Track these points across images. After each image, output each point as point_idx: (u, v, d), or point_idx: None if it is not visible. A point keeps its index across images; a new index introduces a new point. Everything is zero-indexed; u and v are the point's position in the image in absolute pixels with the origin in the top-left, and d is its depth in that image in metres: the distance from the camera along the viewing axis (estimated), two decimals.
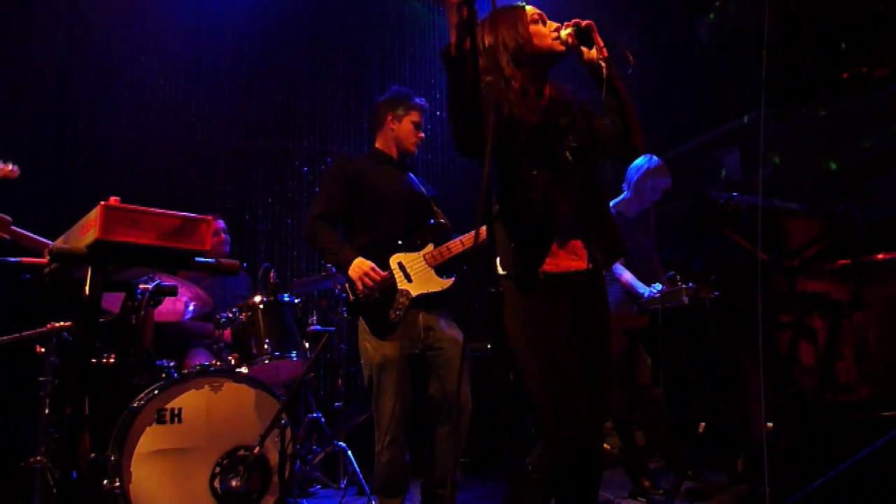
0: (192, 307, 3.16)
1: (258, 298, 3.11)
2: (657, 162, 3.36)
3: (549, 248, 1.76)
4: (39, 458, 2.58)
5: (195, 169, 4.53)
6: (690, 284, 2.89)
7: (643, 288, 3.14)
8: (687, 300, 2.85)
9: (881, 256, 3.09)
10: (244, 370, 2.90)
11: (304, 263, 4.69)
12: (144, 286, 2.37)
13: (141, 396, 2.53)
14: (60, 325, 2.68)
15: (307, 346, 3.24)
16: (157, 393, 2.49)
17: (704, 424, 2.83)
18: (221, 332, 3.09)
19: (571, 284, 1.80)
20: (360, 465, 3.24)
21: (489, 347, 4.26)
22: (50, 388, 2.68)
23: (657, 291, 3.07)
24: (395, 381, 2.48)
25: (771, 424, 2.67)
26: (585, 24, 1.78)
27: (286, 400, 2.61)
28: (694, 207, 3.18)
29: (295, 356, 3.09)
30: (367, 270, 2.46)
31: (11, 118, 4.03)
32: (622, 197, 3.42)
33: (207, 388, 2.58)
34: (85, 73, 4.26)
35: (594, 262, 1.84)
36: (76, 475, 1.28)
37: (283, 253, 4.67)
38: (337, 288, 3.66)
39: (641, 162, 3.34)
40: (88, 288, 1.35)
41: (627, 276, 3.20)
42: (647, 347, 3.28)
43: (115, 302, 2.70)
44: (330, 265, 3.28)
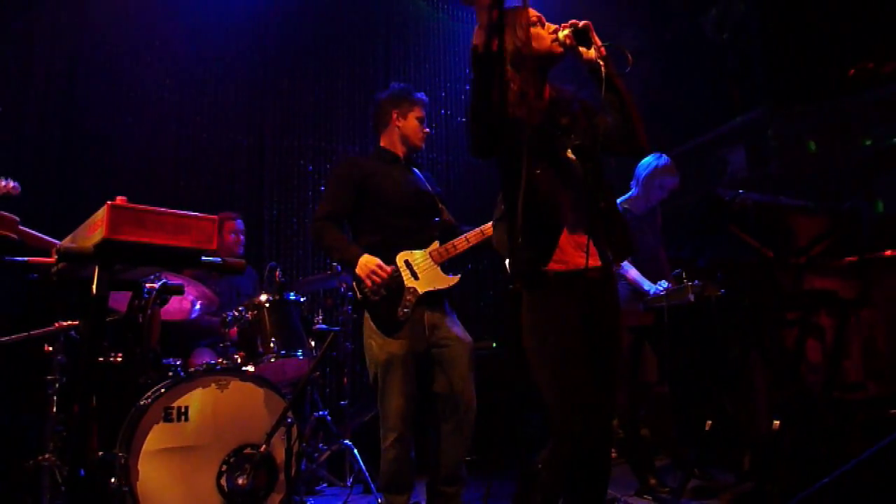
0: (198, 306, 3.18)
1: (264, 297, 3.12)
2: (666, 160, 3.35)
3: (555, 245, 1.77)
4: (48, 455, 2.60)
5: (201, 168, 4.54)
6: (696, 282, 2.88)
7: (649, 285, 3.14)
8: (693, 298, 2.84)
9: (888, 253, 3.08)
10: (250, 369, 2.91)
11: (309, 262, 4.70)
12: (151, 285, 2.38)
13: (148, 395, 2.54)
14: (68, 323, 2.70)
15: (313, 344, 3.25)
16: (163, 391, 2.50)
17: (711, 422, 2.82)
18: (228, 330, 3.10)
19: (581, 282, 1.80)
20: (366, 463, 3.25)
21: (494, 346, 4.26)
22: (58, 386, 2.70)
23: (663, 289, 3.06)
24: (400, 378, 2.49)
25: (777, 422, 2.66)
26: (583, 24, 1.80)
27: (292, 398, 2.62)
28: (700, 205, 3.17)
29: (301, 355, 3.10)
30: (373, 268, 2.46)
31: (18, 118, 4.05)
32: (630, 194, 3.42)
33: (214, 386, 2.59)
34: (91, 72, 4.28)
35: (604, 259, 1.84)
36: (84, 473, 1.29)
37: (288, 252, 4.68)
38: (343, 287, 3.67)
39: (651, 160, 3.33)
40: (95, 287, 1.36)
41: (633, 273, 3.19)
42: (653, 345, 3.27)
43: (122, 301, 2.71)
44: (336, 263, 3.29)
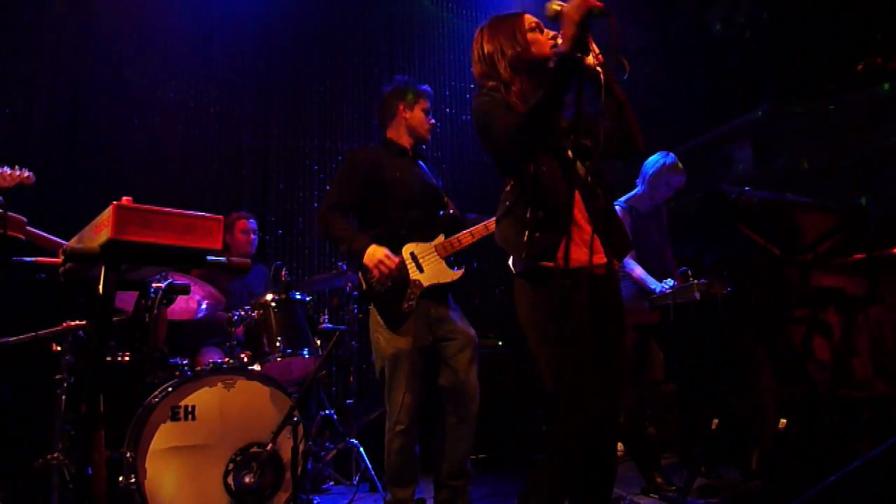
0: (204, 305, 3.19)
1: (270, 296, 3.13)
2: (673, 159, 3.33)
3: (561, 240, 1.77)
4: (57, 454, 2.62)
5: (206, 168, 4.56)
6: (702, 280, 2.87)
7: (655, 283, 3.12)
8: (699, 296, 2.83)
9: None
10: (257, 368, 2.92)
11: (315, 261, 4.71)
12: (157, 285, 2.39)
13: (155, 394, 2.56)
14: (76, 323, 2.71)
15: (319, 343, 3.26)
16: (171, 390, 2.52)
17: (717, 421, 2.81)
18: (234, 329, 3.12)
19: (585, 278, 1.80)
20: (372, 461, 3.26)
21: (500, 344, 4.26)
22: (66, 386, 2.71)
23: (669, 287, 3.05)
24: (407, 372, 2.49)
25: (785, 420, 2.65)
26: (549, 14, 1.84)
27: (298, 397, 2.63)
28: (705, 202, 3.16)
29: (307, 354, 3.11)
30: (381, 257, 2.46)
31: (25, 120, 4.07)
32: (635, 192, 3.40)
33: (220, 385, 2.61)
34: (97, 73, 4.30)
35: (607, 256, 1.86)
36: (91, 471, 1.30)
37: (294, 251, 4.69)
38: (348, 286, 3.68)
39: (657, 158, 3.32)
40: (102, 287, 1.37)
41: (639, 271, 3.18)
42: (659, 343, 3.26)
43: (129, 301, 2.73)
44: (344, 253, 3.29)
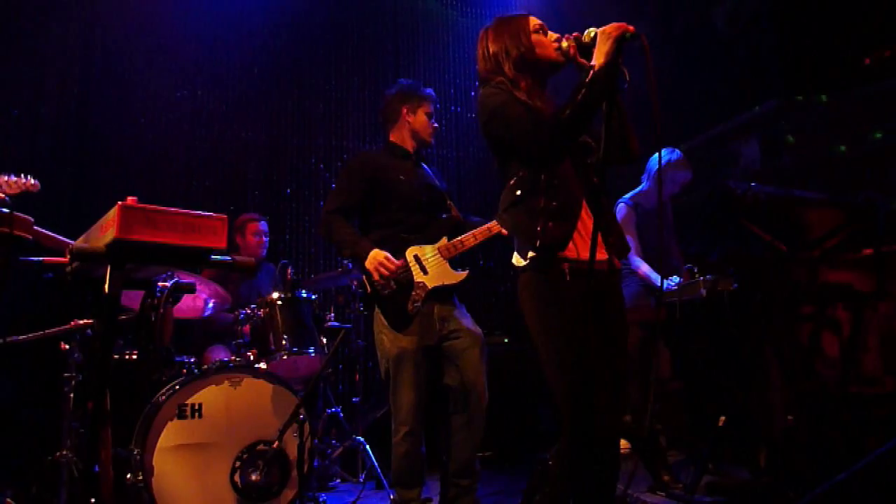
0: (211, 304, 3.20)
1: (276, 295, 3.14)
2: (679, 155, 3.31)
3: (572, 231, 1.77)
4: (65, 452, 2.64)
5: (212, 168, 4.57)
6: (708, 277, 2.86)
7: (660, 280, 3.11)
8: (705, 292, 2.82)
9: None
10: (263, 366, 2.93)
11: (321, 260, 4.72)
12: (163, 284, 2.40)
13: (162, 392, 2.57)
14: (84, 322, 2.73)
15: (325, 341, 3.27)
16: (177, 388, 2.53)
17: (724, 418, 2.80)
18: (241, 328, 3.12)
19: (591, 272, 1.80)
20: (378, 459, 3.26)
21: (506, 341, 4.26)
22: (74, 383, 2.73)
23: (675, 284, 3.03)
24: (411, 373, 2.50)
25: (792, 418, 2.64)
26: (586, 39, 1.85)
27: (304, 395, 2.64)
28: (711, 198, 3.14)
29: (312, 352, 3.12)
30: (381, 260, 2.47)
31: (33, 121, 4.10)
32: (641, 188, 3.39)
33: (227, 383, 2.62)
34: (104, 75, 4.32)
35: (608, 252, 1.87)
36: (98, 469, 1.31)
37: (300, 250, 4.70)
38: (354, 284, 3.68)
39: (663, 154, 3.29)
40: (108, 286, 1.38)
41: (644, 268, 3.17)
42: (665, 340, 3.25)
43: (136, 300, 2.74)
44: (346, 258, 3.30)
